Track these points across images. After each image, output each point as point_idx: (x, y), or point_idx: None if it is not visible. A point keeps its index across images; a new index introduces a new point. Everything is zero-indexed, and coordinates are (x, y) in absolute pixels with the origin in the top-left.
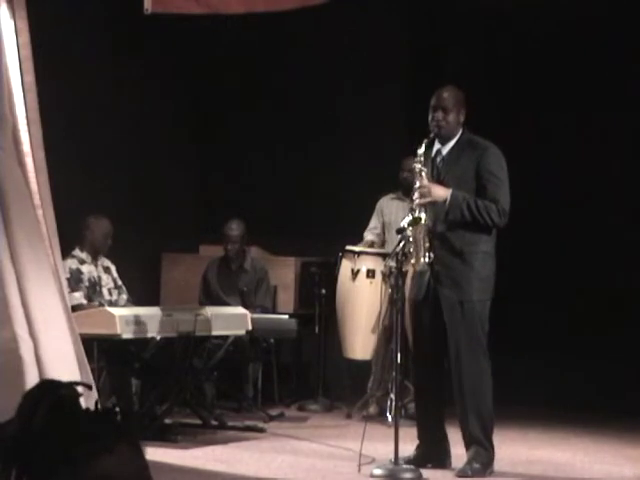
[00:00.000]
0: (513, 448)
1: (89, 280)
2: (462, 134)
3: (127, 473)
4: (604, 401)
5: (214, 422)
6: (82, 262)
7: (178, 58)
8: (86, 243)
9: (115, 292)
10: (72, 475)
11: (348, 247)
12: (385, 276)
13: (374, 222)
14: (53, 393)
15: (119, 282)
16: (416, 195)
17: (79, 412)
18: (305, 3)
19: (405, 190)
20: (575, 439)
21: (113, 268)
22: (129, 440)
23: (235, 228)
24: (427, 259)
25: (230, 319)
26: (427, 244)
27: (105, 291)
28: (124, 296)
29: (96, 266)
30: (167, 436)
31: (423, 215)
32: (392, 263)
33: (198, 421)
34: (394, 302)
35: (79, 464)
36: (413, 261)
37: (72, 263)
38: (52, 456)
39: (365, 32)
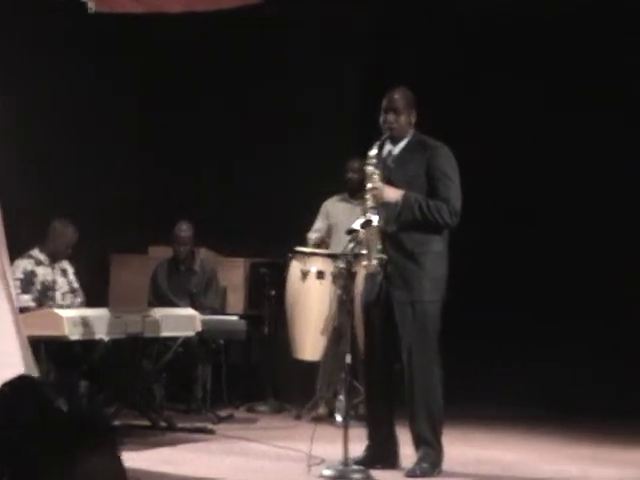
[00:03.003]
0: (462, 448)
1: (42, 283)
2: (413, 135)
3: (106, 475)
4: (552, 402)
5: (163, 424)
6: (39, 263)
7: (125, 57)
8: (47, 246)
9: (70, 296)
10: (55, 475)
11: (298, 248)
12: (335, 277)
13: (319, 224)
14: (36, 392)
15: (75, 285)
16: (368, 197)
17: (60, 412)
18: (244, 2)
19: (351, 192)
20: (524, 439)
21: (71, 271)
22: (107, 443)
23: (185, 229)
24: (379, 261)
25: (179, 320)
26: (379, 246)
27: (58, 295)
28: (79, 299)
29: (53, 269)
30: None
31: (375, 217)
32: (342, 264)
33: (147, 423)
34: (343, 303)
35: (62, 464)
36: (365, 263)
37: (28, 264)
38: (35, 456)
39: (316, 32)
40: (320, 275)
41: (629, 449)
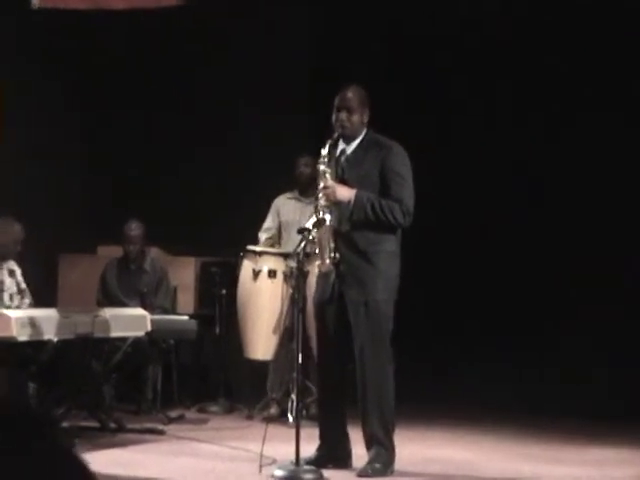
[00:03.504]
0: (414, 447)
1: None
2: (366, 134)
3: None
4: (503, 401)
5: (113, 425)
6: None
7: (68, 55)
8: None
9: (17, 297)
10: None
11: (249, 247)
12: (286, 276)
13: (269, 222)
14: None
15: (23, 286)
16: (320, 196)
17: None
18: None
19: (302, 189)
20: (475, 438)
21: (18, 272)
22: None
23: (135, 228)
24: (332, 260)
25: (129, 320)
26: (332, 245)
27: (6, 296)
28: (27, 300)
29: (0, 269)
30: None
31: (328, 216)
32: (293, 263)
33: (96, 424)
34: (295, 302)
35: (10, 463)
36: (318, 262)
37: None
38: None
39: (267, 28)
40: (272, 274)
41: (584, 449)
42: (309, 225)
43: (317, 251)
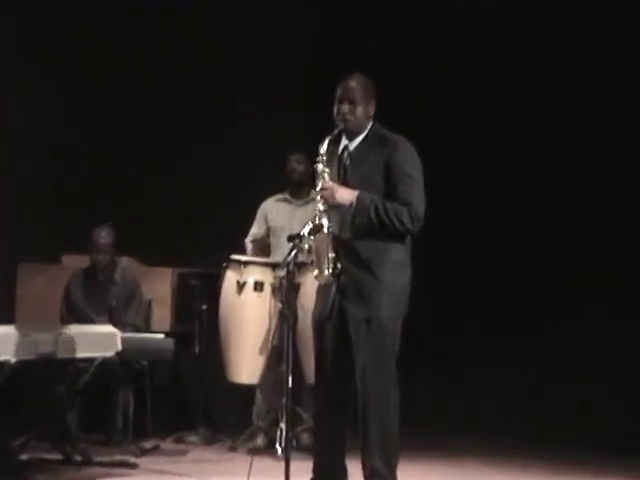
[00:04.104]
0: None
1: None
2: (372, 128)
3: None
4: (524, 430)
5: (78, 457)
6: None
7: (46, 53)
8: None
9: None
10: None
11: (233, 256)
12: (275, 289)
13: (256, 228)
14: None
15: None
16: (318, 199)
17: None
18: None
19: (293, 190)
20: (493, 471)
21: None
22: None
23: (104, 236)
24: (332, 271)
25: (97, 339)
26: (332, 254)
27: None
28: None
29: None
30: (24, 474)
31: (325, 221)
32: (283, 274)
33: (60, 457)
34: (285, 318)
35: None
36: (316, 273)
37: None
38: None
39: (262, 24)
40: (258, 287)
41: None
42: (304, 232)
43: (314, 261)
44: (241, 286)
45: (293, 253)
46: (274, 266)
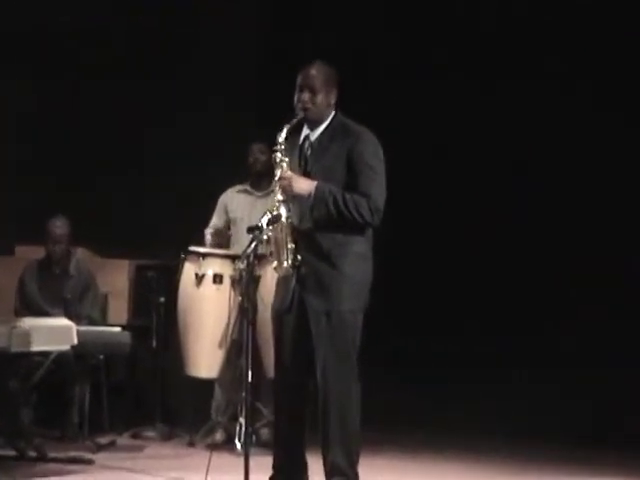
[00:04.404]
0: (381, 478)
1: None
2: (334, 117)
3: None
4: (476, 425)
5: (32, 453)
6: None
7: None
8: None
9: None
10: None
11: (192, 248)
12: (235, 281)
13: (216, 220)
14: None
15: None
16: (276, 189)
17: None
18: None
19: (254, 180)
20: (446, 465)
21: None
22: None
23: (59, 226)
24: (291, 262)
25: (52, 332)
26: (291, 245)
27: None
28: None
29: None
30: None
31: (284, 212)
32: (242, 266)
33: (13, 452)
34: (244, 312)
35: None
36: (275, 265)
37: None
38: None
39: (210, 14)
40: (217, 279)
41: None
42: (262, 222)
43: (273, 252)
44: (200, 278)
45: (253, 245)
46: (234, 258)
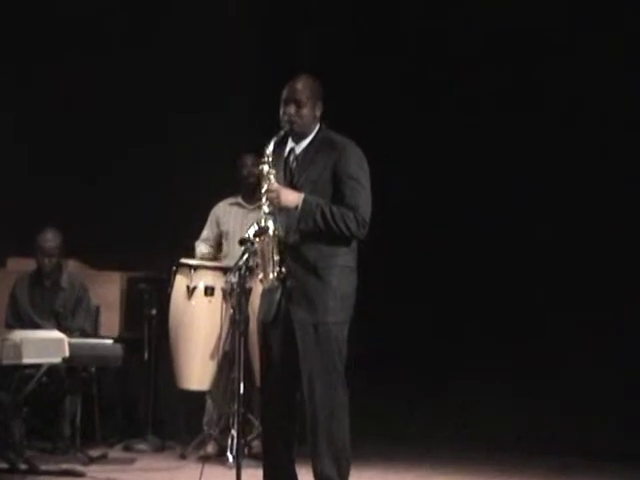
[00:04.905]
0: None
1: None
2: (319, 131)
3: None
4: (464, 437)
5: (23, 466)
6: None
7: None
8: None
9: None
10: None
11: (183, 260)
12: (226, 294)
13: (207, 232)
14: None
15: None
16: (263, 201)
17: None
18: None
19: (246, 194)
20: (440, 476)
21: None
22: None
23: (51, 238)
24: (277, 274)
25: (43, 345)
26: (277, 257)
27: None
28: None
29: None
30: None
31: (271, 224)
32: (234, 279)
33: (4, 465)
34: (236, 324)
35: None
36: (261, 277)
37: None
38: None
39: (205, 14)
40: (209, 291)
41: None
42: (250, 233)
43: (259, 264)
44: (191, 291)
45: (245, 257)
46: (225, 270)
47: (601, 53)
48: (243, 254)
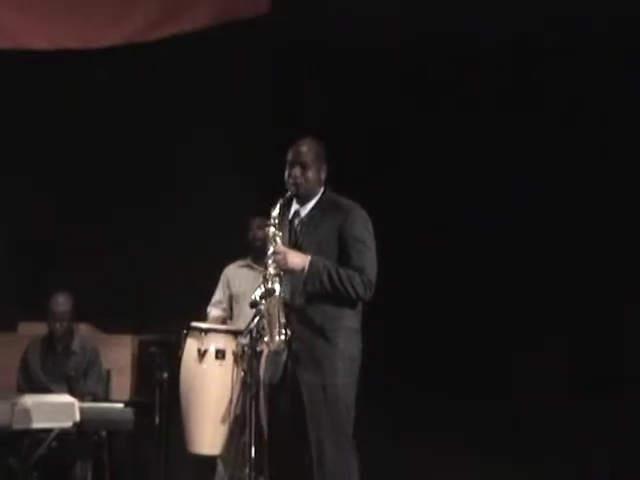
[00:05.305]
0: None
1: None
2: (323, 193)
3: None
4: None
5: None
6: None
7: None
8: None
9: None
10: None
11: (194, 323)
12: (237, 357)
13: (219, 295)
14: None
15: None
16: (270, 263)
17: None
18: (131, 38)
19: (255, 256)
20: None
21: None
22: None
23: (62, 303)
24: (283, 337)
25: (54, 409)
26: (283, 319)
27: None
28: None
29: None
30: None
31: (277, 286)
32: (245, 342)
33: None
34: (247, 387)
35: None
36: (267, 339)
37: None
38: None
39: (214, 74)
40: (220, 355)
41: None
42: (256, 296)
43: (266, 326)
44: (202, 354)
45: (256, 320)
46: (236, 333)
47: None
48: (254, 317)
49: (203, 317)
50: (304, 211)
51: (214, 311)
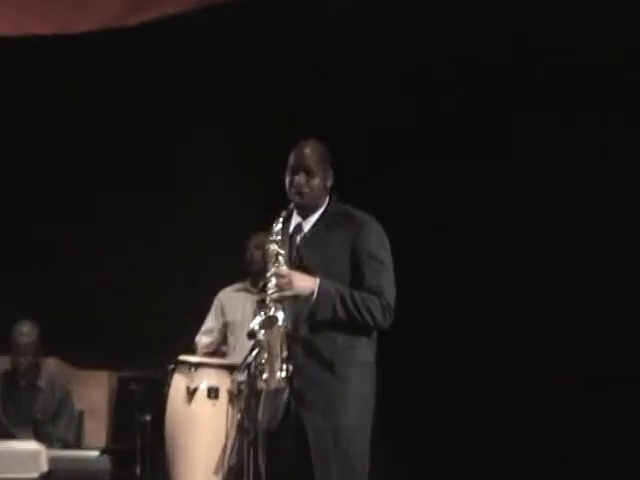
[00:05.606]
0: None
1: None
2: (329, 204)
3: None
4: None
5: None
6: None
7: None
8: None
9: None
10: None
11: (182, 357)
12: (233, 396)
13: (211, 322)
14: None
15: None
16: (271, 286)
17: None
18: (108, 23)
19: (254, 278)
20: None
21: None
22: None
23: (27, 332)
24: (285, 373)
25: (18, 458)
26: (285, 353)
27: None
28: None
29: None
30: None
31: (280, 314)
32: (242, 378)
33: None
34: (244, 432)
35: None
36: (266, 376)
37: None
38: None
39: (214, 73)
40: (212, 393)
41: None
42: (255, 325)
43: (265, 360)
44: (192, 393)
45: (254, 353)
46: (231, 368)
47: (601, 53)
48: (252, 349)
49: (191, 350)
50: (307, 225)
51: (204, 339)
